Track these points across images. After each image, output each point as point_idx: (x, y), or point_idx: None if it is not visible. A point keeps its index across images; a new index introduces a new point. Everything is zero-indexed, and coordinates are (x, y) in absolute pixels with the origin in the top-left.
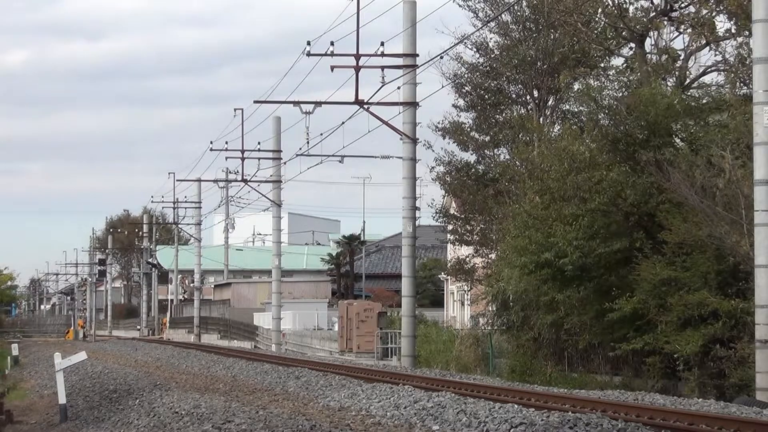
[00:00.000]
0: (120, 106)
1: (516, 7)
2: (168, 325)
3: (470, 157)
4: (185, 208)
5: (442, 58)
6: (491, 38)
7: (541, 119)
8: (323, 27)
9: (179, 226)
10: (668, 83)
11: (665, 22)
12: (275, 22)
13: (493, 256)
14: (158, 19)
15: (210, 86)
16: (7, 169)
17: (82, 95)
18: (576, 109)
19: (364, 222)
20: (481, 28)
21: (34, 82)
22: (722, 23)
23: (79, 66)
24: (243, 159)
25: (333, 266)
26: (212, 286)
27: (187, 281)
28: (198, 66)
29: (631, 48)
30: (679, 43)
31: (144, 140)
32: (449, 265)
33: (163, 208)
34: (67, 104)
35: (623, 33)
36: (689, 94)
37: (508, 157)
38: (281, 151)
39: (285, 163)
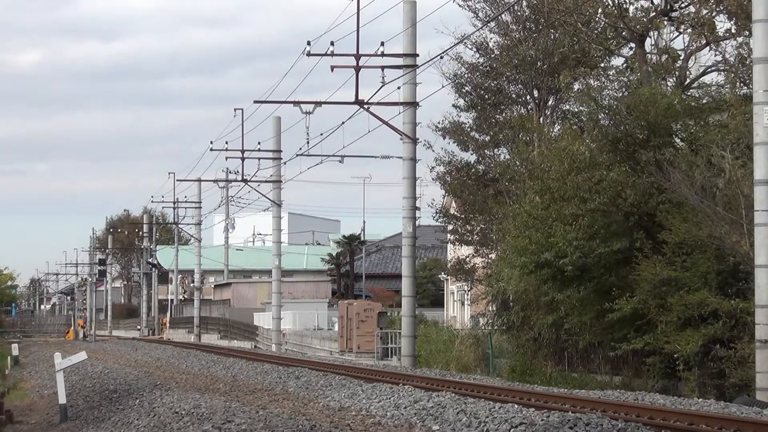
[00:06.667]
0: (129, 106)
1: (516, 7)
2: (168, 325)
3: (470, 157)
4: (185, 208)
5: (442, 58)
6: (491, 38)
7: (541, 119)
8: (327, 27)
9: (179, 226)
10: (668, 83)
11: (665, 22)
12: (287, 23)
13: (493, 256)
14: (171, 19)
15: (220, 86)
16: (15, 169)
17: (93, 96)
18: (576, 109)
19: (364, 222)
20: (481, 28)
21: (46, 83)
22: (722, 23)
23: (92, 66)
24: (243, 159)
25: (333, 266)
26: (212, 286)
27: (187, 281)
28: (209, 66)
29: (631, 48)
30: (679, 43)
31: (147, 140)
32: (449, 265)
33: (163, 208)
34: (78, 105)
35: (623, 33)
36: (689, 94)
37: (508, 157)
38: (281, 151)
39: (285, 163)
